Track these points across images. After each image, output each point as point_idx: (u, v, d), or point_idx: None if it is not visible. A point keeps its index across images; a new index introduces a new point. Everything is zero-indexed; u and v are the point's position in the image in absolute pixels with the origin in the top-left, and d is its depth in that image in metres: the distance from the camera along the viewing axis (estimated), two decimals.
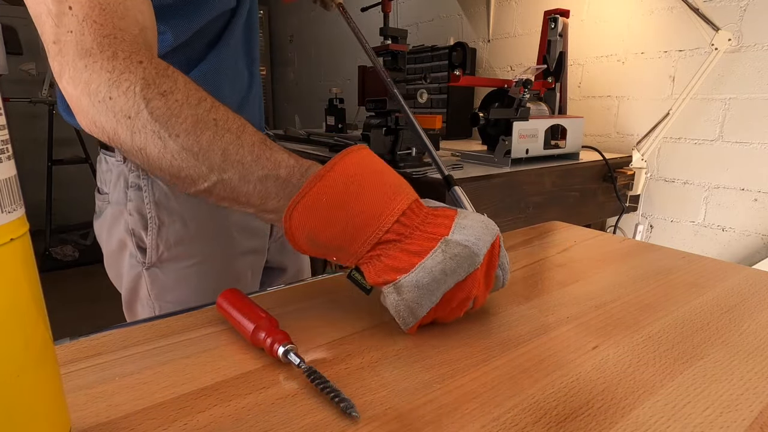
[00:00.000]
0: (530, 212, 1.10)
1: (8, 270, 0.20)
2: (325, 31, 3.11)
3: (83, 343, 0.34)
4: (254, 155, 0.36)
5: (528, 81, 1.07)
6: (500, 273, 0.38)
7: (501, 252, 0.38)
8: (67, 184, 3.41)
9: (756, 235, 1.26)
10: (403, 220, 0.35)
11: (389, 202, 0.35)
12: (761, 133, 1.22)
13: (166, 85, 0.36)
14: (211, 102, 0.38)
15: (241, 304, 0.35)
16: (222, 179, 0.36)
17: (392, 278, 0.34)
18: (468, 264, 0.34)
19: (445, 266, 0.34)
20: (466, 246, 0.34)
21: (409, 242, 0.34)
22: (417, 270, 0.33)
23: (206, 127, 0.36)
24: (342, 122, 1.82)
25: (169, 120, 0.35)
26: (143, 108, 0.35)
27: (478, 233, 0.35)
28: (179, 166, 0.36)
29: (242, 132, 0.37)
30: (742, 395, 0.28)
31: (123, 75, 0.35)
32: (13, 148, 0.21)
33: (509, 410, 0.27)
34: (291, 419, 0.26)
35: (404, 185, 0.37)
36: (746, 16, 1.21)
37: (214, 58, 0.58)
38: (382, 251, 0.35)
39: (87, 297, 2.36)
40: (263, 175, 0.36)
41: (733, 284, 0.46)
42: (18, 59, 3.08)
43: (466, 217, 0.37)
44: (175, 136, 0.35)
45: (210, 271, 0.62)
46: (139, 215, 0.58)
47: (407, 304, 0.34)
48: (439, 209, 0.38)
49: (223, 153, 0.36)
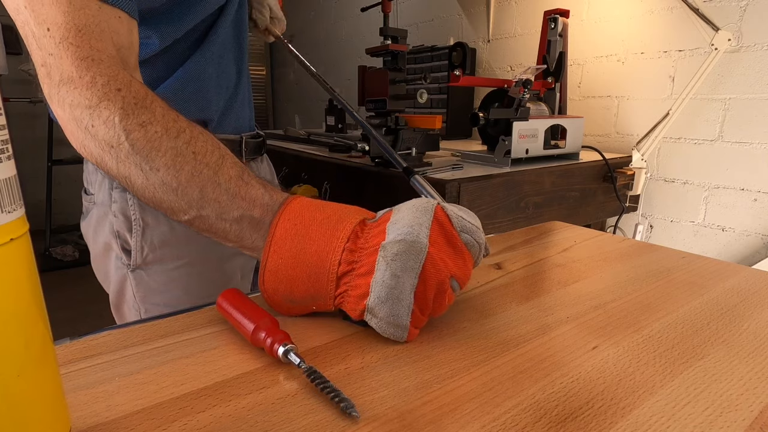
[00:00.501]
0: (530, 212, 1.10)
1: (8, 270, 0.20)
2: (325, 31, 3.11)
3: (83, 343, 0.34)
4: (230, 194, 0.37)
5: (528, 81, 1.07)
6: (469, 237, 0.35)
7: (453, 217, 0.35)
8: (67, 184, 3.40)
9: (756, 235, 1.26)
10: (349, 246, 0.35)
11: (332, 235, 0.35)
12: (761, 133, 1.22)
13: (145, 116, 0.37)
14: (190, 133, 0.38)
15: (241, 304, 0.35)
16: (200, 215, 0.38)
17: (363, 306, 0.34)
18: (414, 255, 0.33)
19: (392, 270, 0.33)
20: (401, 240, 0.33)
21: (360, 265, 0.34)
22: (372, 288, 0.33)
23: (185, 161, 0.37)
24: (342, 122, 1.82)
25: (149, 153, 0.36)
26: (124, 140, 0.36)
27: (410, 221, 0.34)
28: (161, 198, 0.37)
29: (220, 167, 0.38)
30: (742, 395, 0.28)
31: (102, 104, 0.36)
32: (13, 148, 0.21)
33: (509, 410, 0.27)
34: (291, 419, 0.26)
35: (345, 212, 0.37)
36: (746, 16, 1.21)
37: (198, 59, 0.57)
38: (346, 285, 0.35)
39: (87, 297, 2.36)
40: (238, 215, 0.37)
41: (733, 284, 0.46)
42: (18, 59, 3.08)
43: (399, 211, 0.36)
44: (155, 170, 0.36)
45: (197, 273, 0.61)
46: (124, 217, 0.57)
47: (386, 321, 0.33)
48: (381, 217, 0.37)
49: (201, 191, 0.37)
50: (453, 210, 0.36)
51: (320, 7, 3.13)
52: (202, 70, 0.58)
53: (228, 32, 0.61)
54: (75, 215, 3.45)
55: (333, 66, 3.05)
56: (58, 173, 3.12)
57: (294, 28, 3.49)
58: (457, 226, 0.35)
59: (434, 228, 0.34)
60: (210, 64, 0.59)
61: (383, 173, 1.04)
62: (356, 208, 0.38)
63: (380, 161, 1.06)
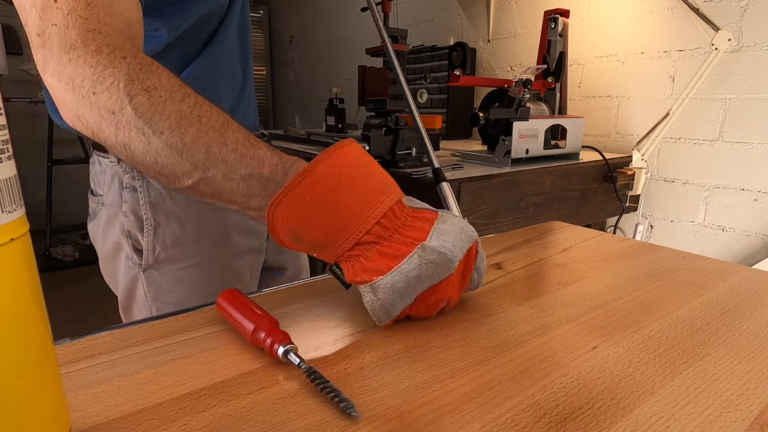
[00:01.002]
0: (530, 212, 1.10)
1: (8, 270, 0.20)
2: (325, 31, 3.11)
3: (83, 343, 0.34)
4: (238, 153, 0.36)
5: (528, 81, 1.07)
6: (476, 276, 0.39)
7: (478, 256, 0.39)
8: (67, 184, 3.41)
9: (756, 235, 1.26)
10: (383, 222, 0.35)
11: (370, 203, 0.35)
12: (761, 133, 1.22)
13: (150, 81, 0.36)
14: (195, 98, 0.37)
15: (241, 304, 0.35)
16: (206, 177, 0.36)
17: (369, 279, 0.34)
18: (443, 270, 0.35)
19: (420, 272, 0.34)
20: (442, 253, 0.35)
21: (388, 245, 0.35)
22: (393, 273, 0.34)
23: (190, 124, 0.36)
24: (342, 122, 1.82)
25: (153, 116, 0.35)
26: (127, 104, 0.35)
27: (454, 240, 0.36)
28: (163, 163, 0.36)
29: (226, 129, 0.37)
30: (742, 395, 0.28)
31: (107, 70, 0.35)
32: (13, 148, 0.21)
33: (509, 410, 0.27)
34: (291, 419, 0.26)
35: (388, 185, 0.37)
36: (746, 16, 1.21)
37: (209, 56, 0.58)
38: (361, 252, 0.35)
39: (87, 297, 2.36)
40: (247, 173, 0.36)
41: (733, 284, 0.46)
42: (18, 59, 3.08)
43: (446, 222, 0.37)
44: (159, 133, 0.35)
45: (207, 271, 0.61)
46: (135, 217, 0.57)
47: (382, 304, 0.35)
48: (421, 211, 0.38)
49: (207, 150, 0.36)
50: (481, 249, 0.40)
51: (320, 7, 3.13)
52: (213, 68, 0.58)
53: (234, 33, 0.62)
54: (75, 215, 3.46)
55: (333, 66, 3.05)
56: (58, 173, 3.12)
57: (294, 28, 3.49)
58: (476, 264, 0.39)
59: (464, 257, 0.37)
60: (219, 63, 0.59)
61: None
62: (394, 184, 0.38)
63: (380, 161, 1.06)
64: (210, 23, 0.57)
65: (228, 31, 0.60)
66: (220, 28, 0.58)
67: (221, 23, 0.59)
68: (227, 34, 0.60)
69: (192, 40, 0.56)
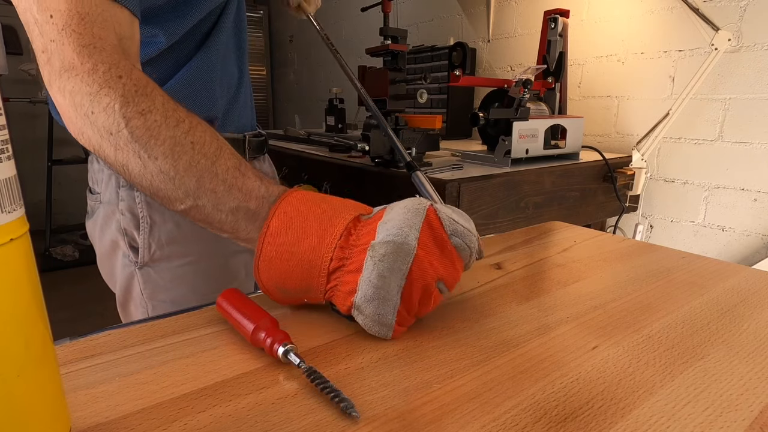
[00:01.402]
0: (530, 212, 1.10)
1: (8, 270, 0.20)
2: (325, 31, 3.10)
3: (83, 343, 0.34)
4: (227, 185, 0.37)
5: (528, 81, 1.06)
6: (459, 241, 0.35)
7: (445, 220, 0.35)
8: (67, 184, 3.41)
9: (756, 235, 1.26)
10: (342, 243, 0.35)
11: (326, 233, 0.35)
12: (761, 133, 1.22)
13: (145, 104, 0.37)
14: (189, 123, 0.38)
15: (241, 304, 0.35)
16: (197, 205, 0.38)
17: (350, 302, 0.34)
18: (401, 256, 0.33)
19: (379, 270, 0.33)
20: (389, 241, 0.33)
21: (350, 262, 0.35)
22: (360, 286, 0.34)
23: (183, 151, 0.37)
24: (342, 122, 1.82)
25: (148, 141, 0.36)
26: (123, 127, 0.36)
27: (400, 222, 0.34)
28: (158, 187, 0.37)
29: (217, 158, 0.38)
30: (742, 395, 0.28)
31: (102, 90, 0.36)
32: (13, 148, 0.21)
33: (509, 410, 0.27)
34: (291, 419, 0.26)
35: (340, 208, 0.37)
36: (746, 16, 1.21)
37: (203, 57, 0.58)
38: (336, 280, 0.35)
39: (87, 297, 2.36)
40: (234, 206, 0.37)
41: (733, 284, 0.46)
42: (18, 59, 3.08)
43: (391, 211, 0.36)
44: (154, 158, 0.36)
45: (203, 270, 0.62)
46: (131, 215, 0.58)
47: (371, 318, 0.34)
48: (374, 215, 0.37)
49: (198, 180, 0.37)
50: (446, 212, 0.36)
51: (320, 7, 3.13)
52: (207, 69, 0.59)
53: (229, 33, 0.62)
54: (75, 215, 3.46)
55: (333, 66, 3.05)
56: (58, 173, 3.12)
57: (294, 28, 3.49)
58: (448, 229, 0.35)
59: (424, 230, 0.34)
60: (214, 63, 0.59)
61: (383, 173, 1.04)
62: (352, 203, 0.38)
63: (380, 161, 1.06)
64: (205, 25, 0.58)
65: (223, 32, 0.60)
66: (215, 29, 0.59)
67: (215, 25, 0.59)
68: (222, 35, 0.60)
69: (187, 43, 0.56)
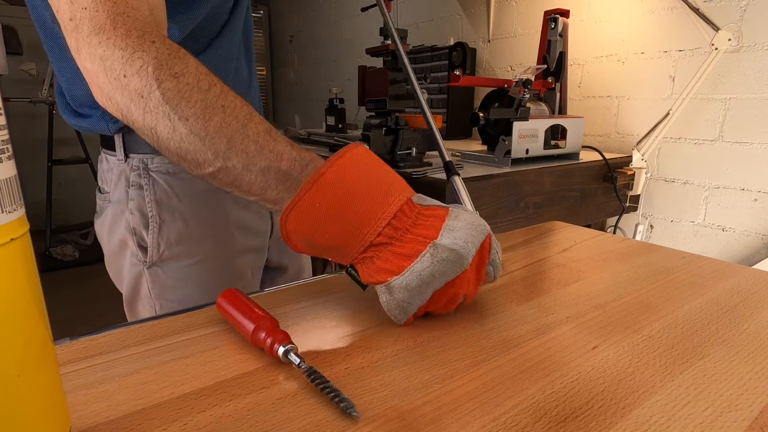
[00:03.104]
0: (530, 212, 1.10)
1: (8, 270, 0.20)
2: (325, 31, 3.11)
3: (83, 343, 0.34)
4: (258, 145, 0.37)
5: (528, 81, 1.06)
6: (491, 269, 0.39)
7: (492, 249, 0.39)
8: (67, 184, 3.41)
9: (756, 235, 1.26)
10: (394, 222, 0.35)
11: (380, 205, 0.35)
12: (761, 133, 1.22)
13: (178, 67, 0.37)
14: (221, 88, 0.38)
15: (241, 304, 0.35)
16: (226, 166, 0.37)
17: (384, 279, 0.35)
18: (457, 267, 0.35)
19: (434, 270, 0.35)
20: (454, 250, 0.35)
21: (400, 245, 0.35)
22: (406, 273, 0.35)
23: (214, 113, 0.36)
24: (342, 122, 1.82)
25: (179, 103, 0.36)
26: (155, 88, 0.36)
27: (466, 236, 0.36)
28: (186, 149, 0.37)
29: (248, 120, 0.38)
30: (742, 395, 0.28)
31: (136, 53, 0.36)
32: (13, 148, 0.21)
33: (509, 410, 0.27)
34: (291, 419, 0.26)
35: (396, 184, 0.37)
36: (746, 16, 1.21)
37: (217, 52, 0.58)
38: (374, 253, 0.36)
39: (87, 297, 2.36)
40: (265, 166, 0.37)
41: (733, 284, 0.46)
42: (18, 59, 3.08)
43: (457, 218, 0.37)
44: (184, 120, 0.36)
45: (210, 269, 0.62)
46: (141, 214, 0.58)
47: (398, 303, 0.35)
48: (431, 208, 0.38)
49: (229, 141, 0.36)
50: (495, 242, 0.39)
51: (320, 7, 3.13)
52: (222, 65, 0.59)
53: (239, 35, 0.62)
54: (75, 215, 3.47)
55: (333, 66, 3.05)
56: (58, 173, 3.12)
57: (294, 28, 3.49)
58: (491, 257, 0.39)
59: (478, 252, 0.37)
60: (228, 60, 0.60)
61: None
62: (403, 183, 0.38)
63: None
64: (217, 22, 0.58)
65: (234, 28, 0.60)
66: (227, 26, 0.59)
67: (228, 21, 0.59)
68: (234, 32, 0.60)
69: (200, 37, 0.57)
